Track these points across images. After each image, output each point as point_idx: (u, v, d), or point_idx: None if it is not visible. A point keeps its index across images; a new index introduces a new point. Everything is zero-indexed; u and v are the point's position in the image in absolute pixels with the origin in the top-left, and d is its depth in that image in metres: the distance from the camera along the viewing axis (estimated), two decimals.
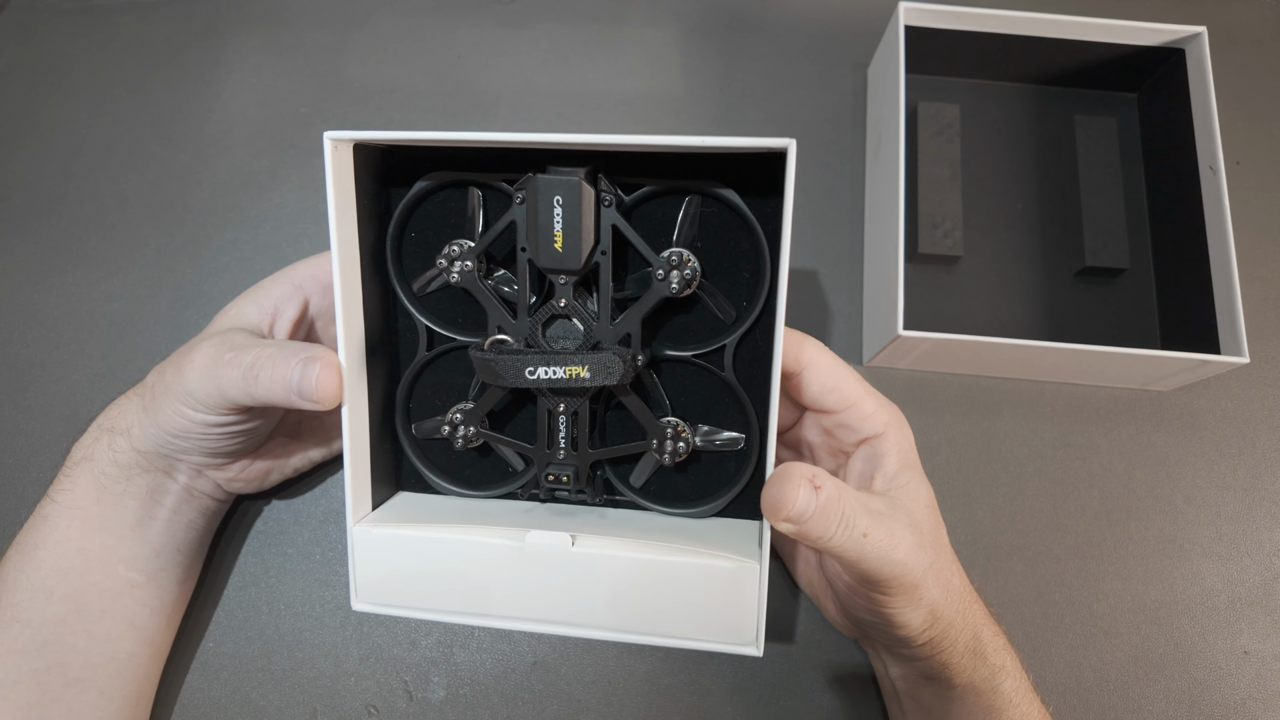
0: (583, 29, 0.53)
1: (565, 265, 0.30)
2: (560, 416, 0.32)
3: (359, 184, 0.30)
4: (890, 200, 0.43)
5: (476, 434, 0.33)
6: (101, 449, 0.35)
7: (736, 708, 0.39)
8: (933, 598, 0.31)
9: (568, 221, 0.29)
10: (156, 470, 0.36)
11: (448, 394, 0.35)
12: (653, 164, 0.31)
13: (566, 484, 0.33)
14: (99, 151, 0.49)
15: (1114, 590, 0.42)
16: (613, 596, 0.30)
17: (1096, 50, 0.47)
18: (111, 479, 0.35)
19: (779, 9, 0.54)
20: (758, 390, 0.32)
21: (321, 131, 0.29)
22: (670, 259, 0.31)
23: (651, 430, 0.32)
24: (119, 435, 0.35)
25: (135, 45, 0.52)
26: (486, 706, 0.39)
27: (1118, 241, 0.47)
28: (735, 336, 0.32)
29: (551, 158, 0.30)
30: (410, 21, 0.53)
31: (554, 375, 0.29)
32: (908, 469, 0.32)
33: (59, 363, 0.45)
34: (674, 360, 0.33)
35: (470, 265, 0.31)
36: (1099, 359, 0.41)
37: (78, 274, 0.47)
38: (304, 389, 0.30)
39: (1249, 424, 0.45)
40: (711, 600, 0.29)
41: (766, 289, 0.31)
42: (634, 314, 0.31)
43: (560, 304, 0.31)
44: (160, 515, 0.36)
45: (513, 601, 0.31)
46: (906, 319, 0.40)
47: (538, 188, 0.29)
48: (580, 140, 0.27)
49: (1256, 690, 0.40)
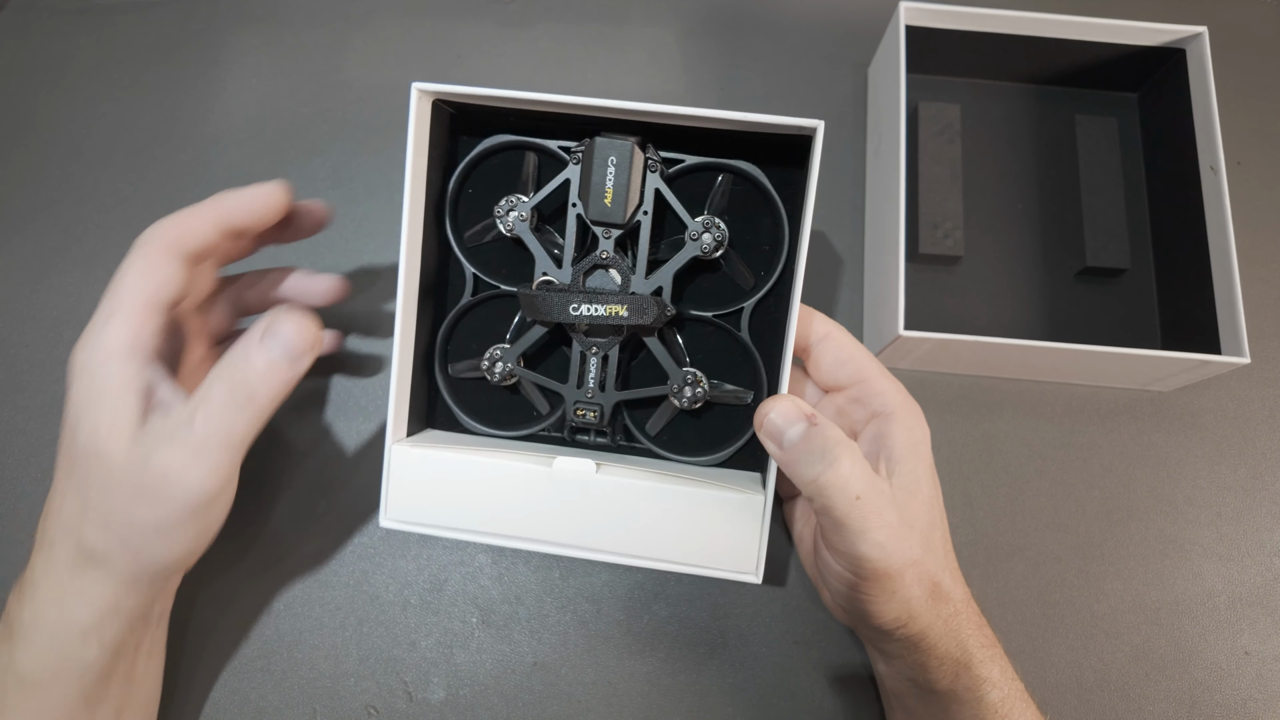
0: (583, 29, 0.53)
1: (612, 219, 0.34)
2: (592, 359, 0.36)
3: (433, 137, 0.34)
4: (890, 200, 0.43)
5: (511, 371, 0.37)
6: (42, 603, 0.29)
7: (736, 708, 0.39)
8: (910, 595, 0.30)
9: (618, 179, 0.33)
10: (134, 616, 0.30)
11: (484, 340, 0.38)
12: (690, 141, 0.35)
13: (594, 420, 0.36)
14: (99, 151, 0.49)
15: (1114, 590, 0.42)
16: (630, 522, 0.33)
17: (1096, 50, 0.47)
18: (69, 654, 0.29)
19: (779, 9, 0.54)
20: (769, 351, 0.35)
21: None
22: (703, 223, 0.35)
23: (673, 374, 0.36)
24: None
25: (135, 45, 0.52)
26: (486, 707, 0.39)
27: (1118, 241, 0.47)
28: (753, 301, 0.36)
29: (604, 125, 0.34)
30: (410, 21, 0.53)
31: (595, 312, 0.33)
32: (914, 459, 0.32)
33: (59, 363, 0.45)
34: (696, 320, 0.37)
35: (525, 215, 0.35)
36: (1099, 359, 0.41)
37: (78, 274, 0.47)
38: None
39: (1249, 424, 0.45)
40: (719, 529, 0.33)
41: (783, 261, 0.35)
42: (668, 269, 0.35)
43: (603, 255, 0.35)
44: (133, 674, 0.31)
45: (535, 524, 0.33)
46: (907, 319, 0.40)
47: (595, 148, 0.33)
48: (634, 108, 0.31)
49: (1257, 691, 0.40)
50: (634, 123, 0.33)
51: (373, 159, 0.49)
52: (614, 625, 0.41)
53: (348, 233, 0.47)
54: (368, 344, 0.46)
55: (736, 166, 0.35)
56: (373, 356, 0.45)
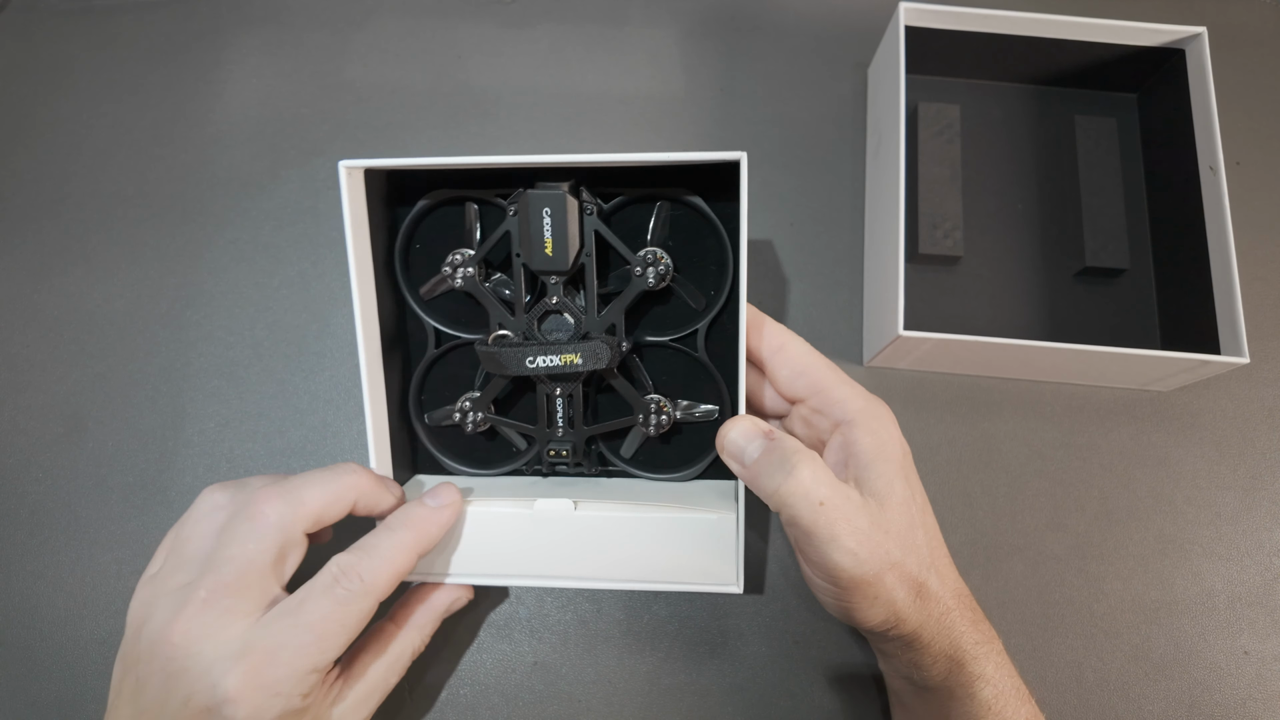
0: (583, 29, 0.53)
1: (555, 267, 0.34)
2: (558, 399, 0.37)
3: (370, 204, 0.34)
4: (890, 200, 0.43)
5: (484, 419, 0.38)
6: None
7: (736, 708, 0.39)
8: (894, 597, 0.30)
9: (556, 229, 0.33)
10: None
11: (455, 386, 0.39)
12: (628, 175, 0.36)
13: (566, 458, 0.37)
14: (99, 151, 0.49)
15: (1114, 590, 0.42)
16: (612, 551, 0.34)
17: (1096, 50, 0.47)
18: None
19: (779, 9, 0.54)
20: (728, 368, 0.36)
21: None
22: (646, 257, 0.35)
23: (637, 406, 0.37)
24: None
25: (135, 45, 0.52)
26: (487, 706, 0.39)
27: (1118, 241, 0.47)
28: (705, 321, 0.37)
29: (539, 174, 0.34)
30: (410, 21, 0.53)
31: (551, 363, 0.34)
32: (882, 461, 0.31)
33: (59, 363, 0.45)
34: (654, 345, 0.38)
35: (471, 271, 0.36)
36: (1099, 359, 0.41)
37: (78, 274, 0.47)
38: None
39: (1249, 424, 0.45)
40: (697, 548, 0.34)
41: (730, 279, 0.36)
42: (617, 306, 0.36)
43: (553, 301, 0.35)
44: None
45: (524, 562, 0.34)
46: (907, 319, 0.40)
47: (528, 201, 0.33)
48: (560, 160, 0.32)
49: (1257, 690, 0.40)
50: (567, 167, 0.34)
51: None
52: (614, 625, 0.41)
53: None
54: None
55: (671, 195, 0.36)
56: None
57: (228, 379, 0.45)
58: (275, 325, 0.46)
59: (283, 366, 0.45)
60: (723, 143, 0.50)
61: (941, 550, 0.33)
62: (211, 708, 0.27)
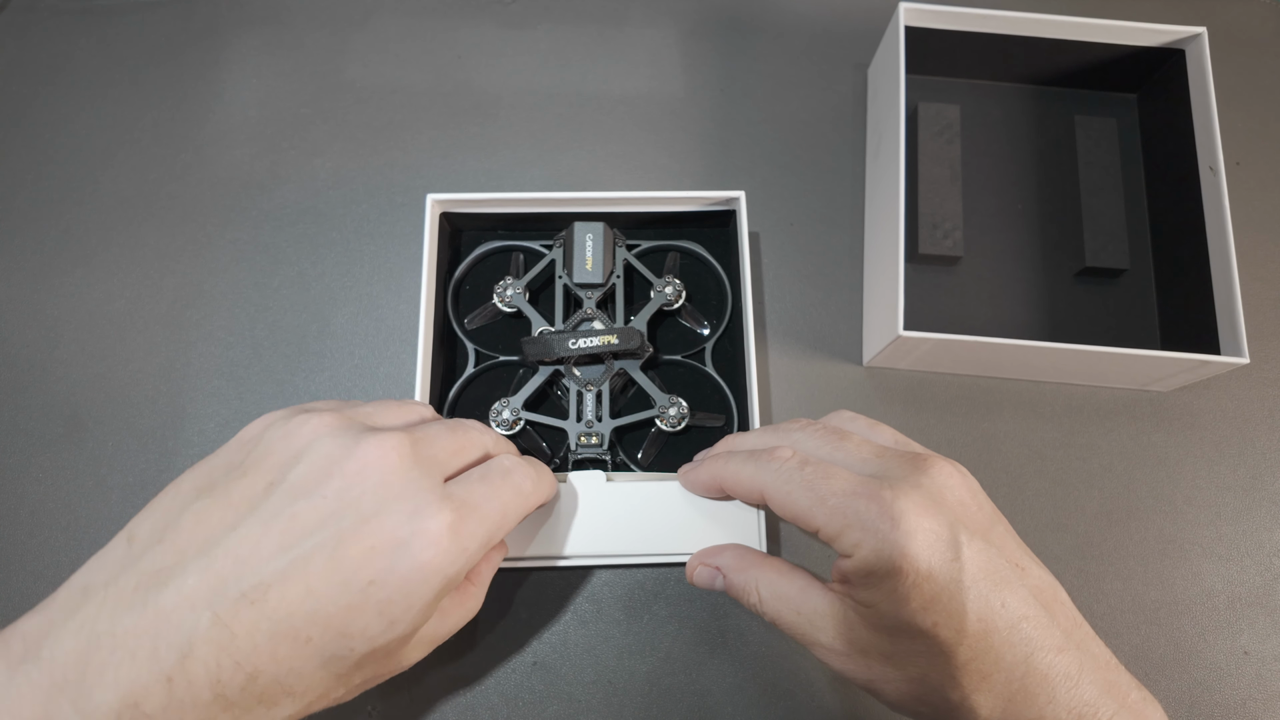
0: (583, 29, 0.53)
1: (593, 280, 0.41)
2: (588, 395, 0.41)
3: (439, 242, 0.42)
4: (890, 200, 0.43)
5: (518, 418, 0.41)
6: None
7: (736, 707, 0.39)
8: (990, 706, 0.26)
9: (596, 251, 0.41)
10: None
11: (486, 406, 0.42)
12: (644, 224, 0.44)
13: (596, 444, 0.40)
14: (99, 151, 0.49)
15: (1114, 590, 0.42)
16: (641, 523, 0.36)
17: (1096, 50, 0.47)
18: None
19: (779, 9, 0.54)
20: (731, 380, 0.42)
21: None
22: (665, 279, 0.43)
23: (658, 398, 0.41)
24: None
25: (135, 45, 0.52)
26: (487, 706, 0.39)
27: (1118, 242, 0.47)
28: (711, 341, 0.43)
29: (567, 217, 0.43)
30: (410, 21, 0.53)
31: (591, 343, 0.39)
32: (869, 582, 0.26)
33: (59, 363, 0.45)
34: (668, 363, 0.44)
35: (522, 290, 0.42)
36: (1099, 359, 0.41)
37: (78, 274, 0.47)
38: None
39: (1249, 424, 0.45)
40: (722, 521, 0.36)
41: (730, 308, 0.43)
42: (641, 316, 0.42)
43: (588, 311, 0.41)
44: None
45: (557, 539, 0.36)
46: (907, 319, 0.40)
47: (574, 230, 0.42)
48: (598, 196, 0.42)
49: (1257, 690, 0.40)
50: (598, 214, 0.43)
51: (373, 160, 0.49)
52: (614, 625, 0.41)
53: (348, 233, 0.47)
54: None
55: (682, 246, 0.45)
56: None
57: (228, 379, 0.45)
58: (275, 325, 0.46)
59: (283, 366, 0.45)
60: (723, 142, 0.50)
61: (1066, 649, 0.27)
62: (403, 540, 0.24)
